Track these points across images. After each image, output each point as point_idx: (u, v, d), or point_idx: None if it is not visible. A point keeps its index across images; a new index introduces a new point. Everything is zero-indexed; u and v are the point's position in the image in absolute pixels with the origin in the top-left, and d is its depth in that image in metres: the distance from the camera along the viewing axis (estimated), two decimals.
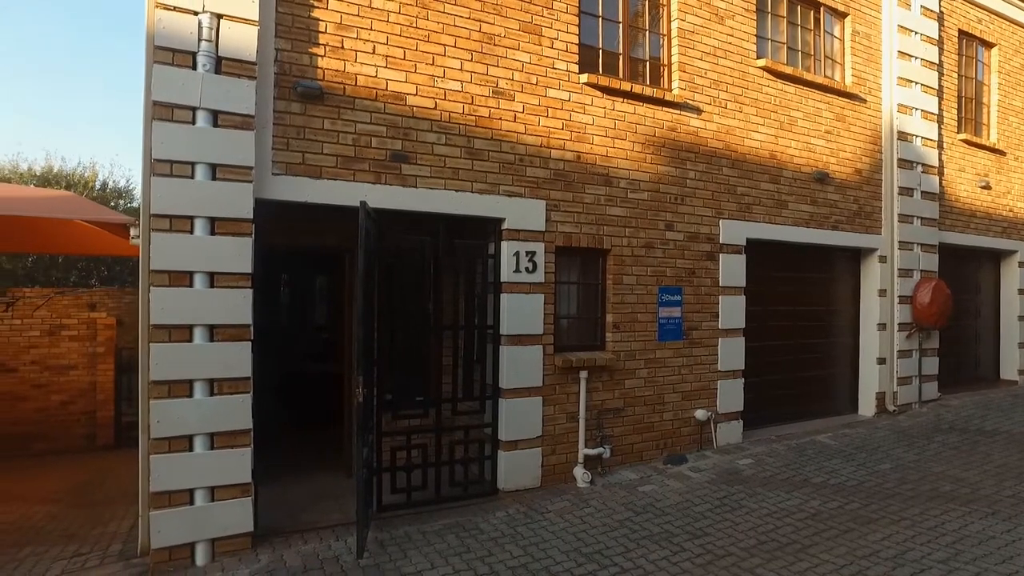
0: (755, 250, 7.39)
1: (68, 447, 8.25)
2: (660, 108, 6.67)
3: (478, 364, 5.85)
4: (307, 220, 5.78)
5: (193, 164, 4.48)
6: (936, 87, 9.07)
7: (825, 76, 8.08)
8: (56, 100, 30.11)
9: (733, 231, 7.15)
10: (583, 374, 6.07)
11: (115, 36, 36.23)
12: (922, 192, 8.77)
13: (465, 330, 5.82)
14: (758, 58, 7.38)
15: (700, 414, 6.87)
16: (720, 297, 7.07)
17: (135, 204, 13.76)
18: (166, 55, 4.43)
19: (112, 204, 13.14)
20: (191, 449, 4.44)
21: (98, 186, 13.55)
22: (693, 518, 5.26)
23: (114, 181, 14.21)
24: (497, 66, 5.77)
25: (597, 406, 6.24)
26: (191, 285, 4.46)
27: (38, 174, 12.58)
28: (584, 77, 6.17)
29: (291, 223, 5.47)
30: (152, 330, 4.37)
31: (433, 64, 5.47)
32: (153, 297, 4.36)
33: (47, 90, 29.90)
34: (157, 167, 4.40)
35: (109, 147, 30.12)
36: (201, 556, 4.48)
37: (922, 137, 8.80)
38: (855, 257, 8.69)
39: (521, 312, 5.78)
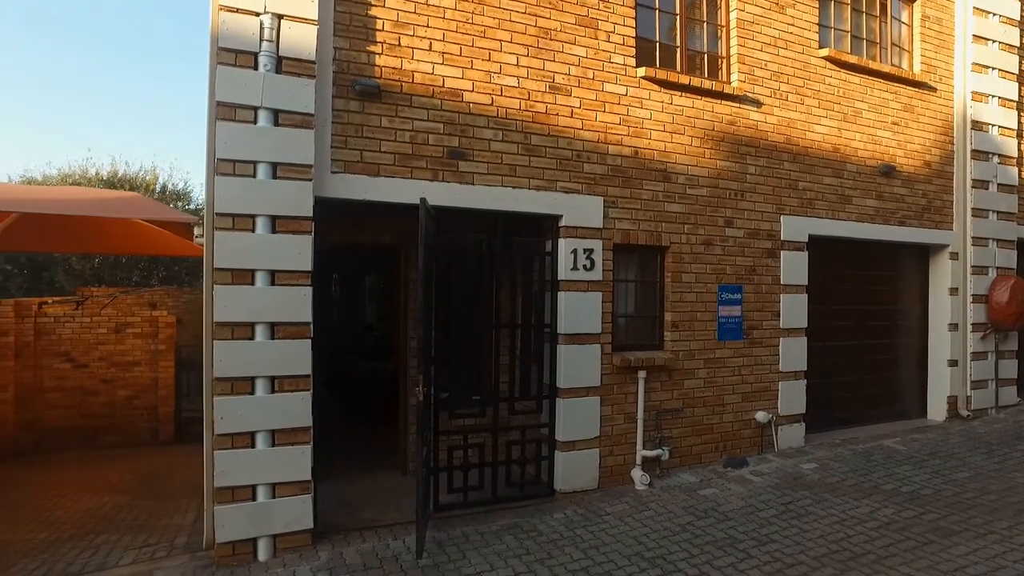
0: (817, 247, 7.09)
1: (132, 440, 8.47)
2: (719, 101, 6.45)
3: (535, 363, 5.74)
4: (362, 218, 5.78)
5: (255, 163, 4.49)
6: (1016, 72, 8.55)
7: (892, 65, 7.70)
8: (126, 103, 31.23)
9: (795, 227, 6.87)
10: (641, 374, 5.91)
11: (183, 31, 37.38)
12: (999, 184, 8.28)
13: (522, 329, 5.72)
14: (820, 48, 7.07)
15: (761, 416, 6.62)
16: (781, 295, 6.80)
17: (192, 206, 14.15)
18: (229, 56, 4.46)
19: (171, 206, 13.51)
20: (253, 445, 4.46)
21: (158, 189, 13.97)
22: (758, 524, 5.04)
23: (173, 184, 14.67)
24: (553, 61, 5.65)
25: (655, 407, 6.07)
26: (253, 283, 4.47)
27: (104, 178, 13.02)
28: (641, 71, 6.00)
29: (345, 222, 5.45)
30: (215, 327, 4.40)
31: (489, 60, 5.39)
32: (216, 295, 4.39)
33: (118, 94, 31.06)
34: (220, 167, 4.42)
35: (173, 150, 31.17)
36: (263, 551, 4.49)
37: (999, 126, 8.29)
38: (923, 254, 8.27)
39: (579, 310, 5.66)
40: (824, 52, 7.04)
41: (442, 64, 5.22)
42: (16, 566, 4.70)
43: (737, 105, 6.55)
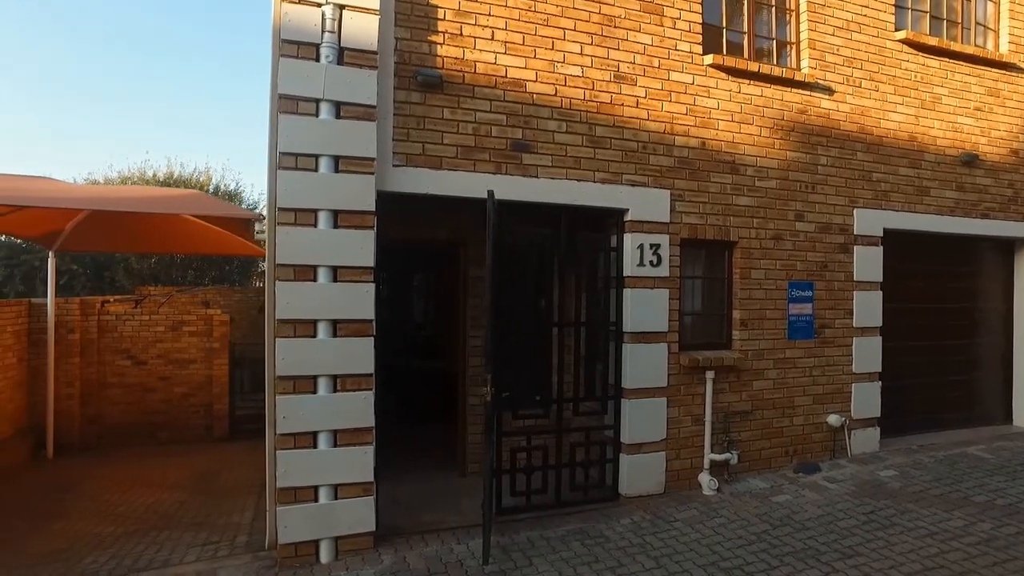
0: (893, 241, 6.66)
1: (188, 437, 8.51)
2: (788, 89, 6.10)
3: (599, 363, 5.50)
4: (416, 214, 5.62)
5: (317, 157, 4.36)
6: None
7: (975, 45, 7.20)
8: (181, 107, 32.05)
9: (869, 221, 6.47)
10: (709, 374, 5.61)
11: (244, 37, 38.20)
12: None
13: (586, 327, 5.47)
14: (896, 30, 6.64)
15: (833, 419, 6.24)
16: (854, 293, 6.41)
17: (244, 206, 14.29)
18: (291, 48, 4.33)
19: None
20: (315, 446, 4.33)
21: (211, 189, 14.16)
22: (839, 534, 4.71)
23: (225, 184, 14.83)
24: (618, 49, 5.39)
25: (724, 408, 5.76)
26: (315, 279, 4.34)
27: (161, 179, 13.25)
28: (708, 58, 5.70)
29: (398, 217, 5.30)
30: (278, 325, 4.28)
31: (552, 49, 5.17)
32: (278, 292, 4.27)
33: (174, 96, 31.91)
34: (283, 161, 4.30)
35: (227, 151, 31.88)
36: (325, 554, 4.36)
37: None
38: (1008, 248, 7.74)
39: (645, 308, 5.39)
40: (901, 35, 6.61)
41: (504, 53, 5.01)
42: (88, 558, 4.72)
43: (808, 93, 6.18)
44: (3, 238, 10.87)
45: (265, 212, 4.50)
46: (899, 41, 6.63)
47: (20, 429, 7.71)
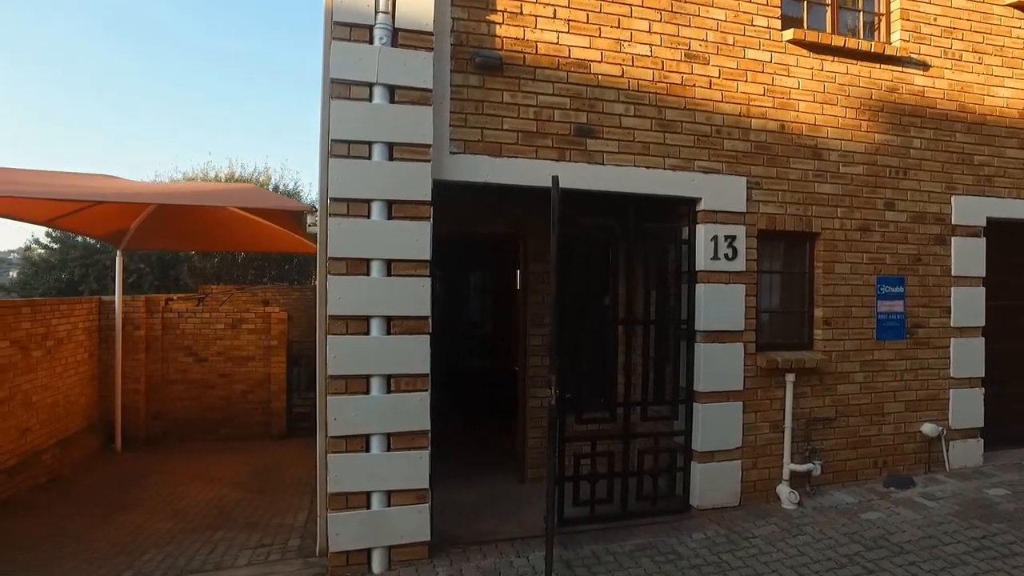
0: (997, 232, 5.92)
1: (247, 434, 8.46)
2: (877, 66, 5.48)
3: (668, 364, 5.04)
4: (478, 205, 5.30)
5: (370, 144, 4.08)
6: None
7: None
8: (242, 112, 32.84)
9: (969, 209, 5.77)
10: (789, 377, 5.07)
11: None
12: None
13: (655, 325, 5.02)
14: None
15: (928, 429, 5.59)
16: (952, 289, 5.73)
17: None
18: (343, 31, 4.05)
19: None
20: (367, 450, 4.04)
21: (271, 188, 14.26)
22: (948, 562, 4.11)
23: (284, 184, 14.92)
24: (689, 26, 4.92)
25: (805, 414, 5.21)
26: (368, 273, 4.06)
27: (223, 179, 13.41)
28: (788, 34, 5.16)
29: (460, 208, 4.98)
30: (329, 321, 4.02)
31: (619, 27, 4.74)
32: (330, 286, 4.00)
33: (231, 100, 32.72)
34: (334, 148, 4.04)
35: (284, 152, 32.51)
36: (377, 563, 4.07)
37: None
38: None
39: (719, 305, 4.91)
40: None
41: (567, 33, 4.62)
42: (146, 555, 4.64)
43: (899, 69, 5.55)
44: (79, 239, 11.18)
45: (317, 204, 4.24)
46: (1009, 6, 5.89)
47: (92, 423, 7.80)
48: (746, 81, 5.06)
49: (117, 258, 7.96)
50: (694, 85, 4.91)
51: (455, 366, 9.14)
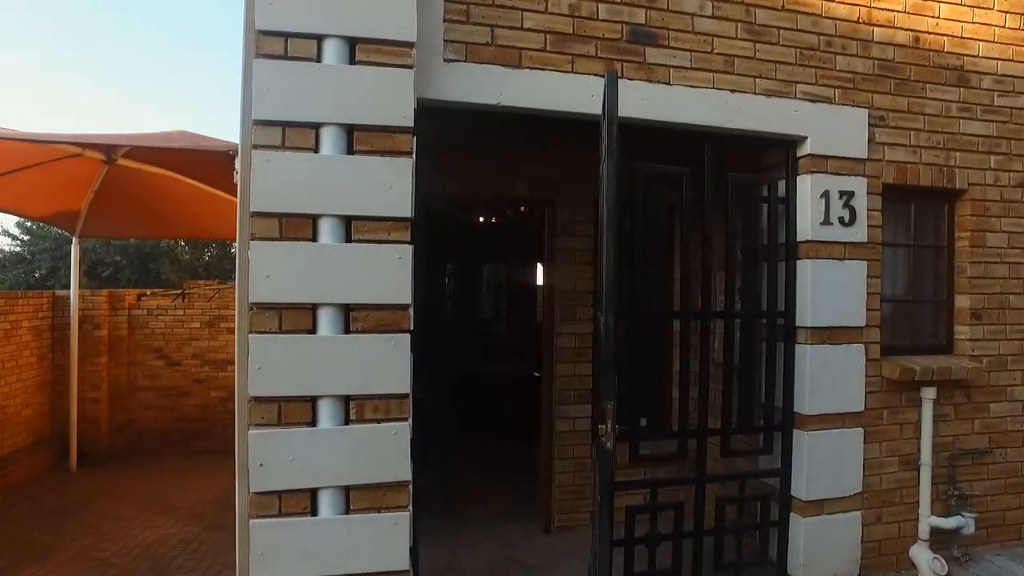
0: None
1: (226, 448, 6.80)
2: None
3: (757, 374, 3.38)
4: (486, 154, 3.71)
5: (319, 38, 2.48)
6: None
7: None
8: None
9: None
10: (927, 392, 3.40)
11: None
12: None
13: (742, 319, 3.35)
14: None
15: None
16: None
17: None
18: None
19: None
20: (313, 512, 2.44)
21: None
22: None
23: None
24: None
25: (947, 445, 3.53)
26: (314, 238, 2.46)
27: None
28: None
29: (458, 159, 3.42)
30: (253, 313, 2.43)
31: None
32: (255, 257, 2.41)
33: None
34: (263, 44, 2.44)
35: None
36: None
37: None
38: None
39: (831, 289, 3.25)
40: None
41: None
42: None
43: None
44: (55, 232, 9.76)
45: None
46: None
47: (42, 437, 6.30)
48: None
49: (73, 246, 6.47)
50: None
51: (464, 371, 7.54)
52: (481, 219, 7.34)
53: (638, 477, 3.20)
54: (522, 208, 5.63)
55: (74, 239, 6.43)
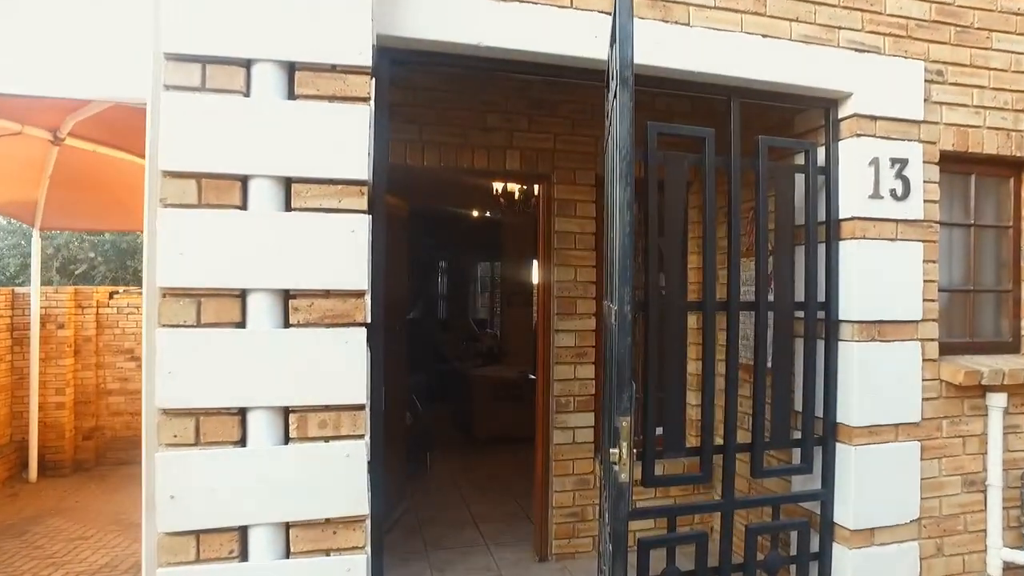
0: None
1: None
2: None
3: (792, 377, 2.82)
4: (458, 119, 3.16)
5: None
6: None
7: None
8: None
9: None
10: (996, 399, 2.83)
11: None
12: None
13: (775, 311, 2.76)
14: None
15: None
16: None
17: None
18: None
19: None
20: (243, 556, 1.87)
21: None
22: None
23: None
24: None
25: (1019, 462, 2.96)
26: (243, 205, 1.91)
27: None
28: None
29: (425, 123, 2.86)
30: (163, 301, 1.88)
31: None
32: (165, 230, 1.87)
33: None
34: None
35: None
36: None
37: None
38: None
39: (880, 276, 2.69)
40: None
41: None
42: None
43: None
44: (27, 228, 9.19)
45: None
46: None
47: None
48: None
49: (34, 239, 5.94)
50: None
51: (450, 371, 7.00)
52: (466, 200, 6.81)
53: (652, 502, 2.64)
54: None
55: (35, 232, 5.90)
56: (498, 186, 5.59)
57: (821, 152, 2.79)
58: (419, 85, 3.20)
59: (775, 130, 3.00)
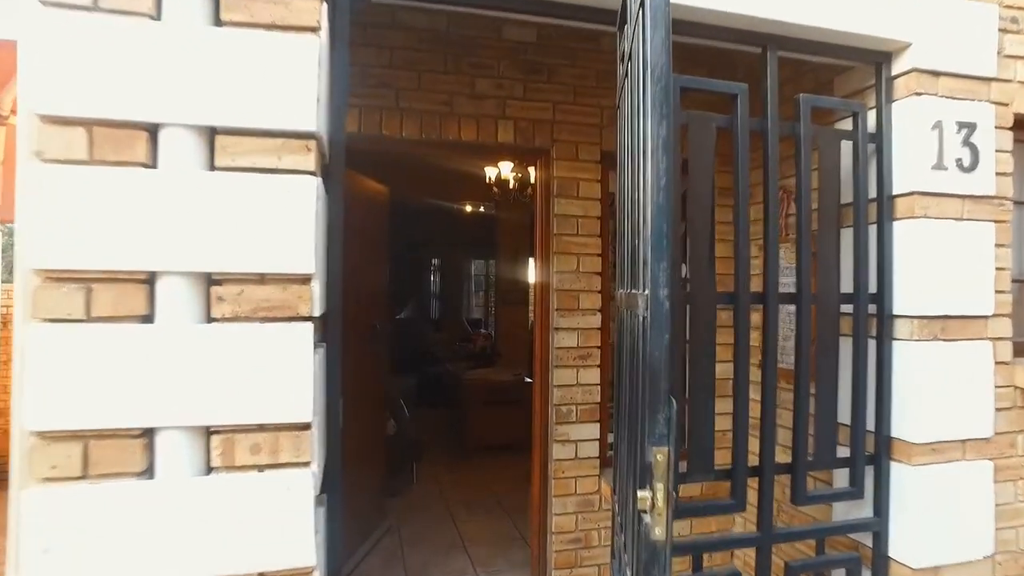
0: None
1: None
2: None
3: (837, 384, 2.37)
4: (442, 84, 2.71)
5: None
6: None
7: None
8: None
9: None
10: None
11: None
12: None
13: (818, 302, 2.30)
14: None
15: None
16: None
17: None
18: None
19: None
20: None
21: None
22: None
23: None
24: None
25: None
26: (151, 162, 1.46)
27: None
28: None
29: (405, 88, 2.40)
30: (39, 288, 1.42)
31: None
32: (43, 194, 1.40)
33: None
34: None
35: None
36: None
37: None
38: None
39: (943, 262, 2.24)
40: None
41: None
42: None
43: None
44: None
45: None
46: None
47: None
48: None
49: None
50: None
51: (445, 372, 6.54)
52: (455, 188, 6.35)
53: (679, 538, 2.18)
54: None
55: None
56: (491, 172, 5.14)
57: (871, 117, 2.34)
58: (395, 43, 2.76)
59: (821, 82, 2.56)
